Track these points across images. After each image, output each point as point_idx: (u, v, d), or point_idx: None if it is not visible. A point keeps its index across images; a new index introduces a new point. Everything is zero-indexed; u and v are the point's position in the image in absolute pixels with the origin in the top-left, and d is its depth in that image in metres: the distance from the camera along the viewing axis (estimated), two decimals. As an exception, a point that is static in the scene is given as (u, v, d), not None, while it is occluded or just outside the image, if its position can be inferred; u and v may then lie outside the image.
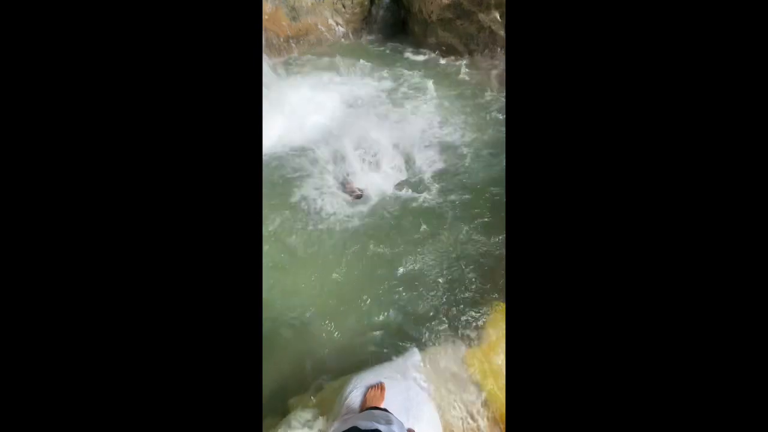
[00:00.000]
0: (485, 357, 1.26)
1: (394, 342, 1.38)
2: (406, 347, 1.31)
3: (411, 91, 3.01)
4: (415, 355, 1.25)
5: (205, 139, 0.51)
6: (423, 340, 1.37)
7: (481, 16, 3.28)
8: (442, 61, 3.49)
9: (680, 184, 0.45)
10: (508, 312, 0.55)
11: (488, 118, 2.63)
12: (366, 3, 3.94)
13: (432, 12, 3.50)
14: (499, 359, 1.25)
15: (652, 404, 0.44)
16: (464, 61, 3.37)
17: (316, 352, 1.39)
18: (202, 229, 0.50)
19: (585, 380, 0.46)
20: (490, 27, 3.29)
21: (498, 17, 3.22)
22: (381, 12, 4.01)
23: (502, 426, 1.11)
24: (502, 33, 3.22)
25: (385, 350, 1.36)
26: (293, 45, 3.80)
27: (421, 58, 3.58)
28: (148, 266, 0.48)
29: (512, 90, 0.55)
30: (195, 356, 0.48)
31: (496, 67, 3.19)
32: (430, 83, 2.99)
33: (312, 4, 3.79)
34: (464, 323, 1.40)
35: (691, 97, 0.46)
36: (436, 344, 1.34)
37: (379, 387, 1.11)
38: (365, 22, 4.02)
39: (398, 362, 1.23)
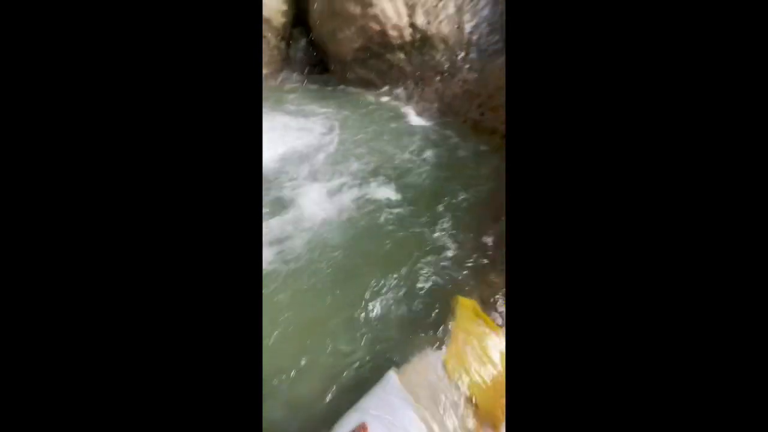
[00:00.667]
0: (458, 355, 1.25)
1: (368, 369, 1.25)
2: (381, 371, 1.20)
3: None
4: (391, 379, 1.15)
5: (201, 150, 0.50)
6: (396, 359, 1.28)
7: (389, 56, 3.78)
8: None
9: (679, 188, 0.44)
10: (508, 315, 0.56)
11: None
12: (282, 46, 4.10)
13: (347, 54, 3.86)
14: (472, 354, 1.25)
15: (653, 409, 0.42)
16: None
17: (282, 395, 1.14)
18: (193, 252, 0.49)
19: (585, 380, 0.45)
20: (398, 65, 3.80)
21: (402, 56, 3.77)
22: (299, 54, 4.22)
23: (492, 418, 1.08)
24: (409, 69, 3.75)
25: (360, 378, 1.22)
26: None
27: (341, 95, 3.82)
28: (141, 280, 0.47)
29: (512, 91, 0.55)
30: (185, 389, 0.46)
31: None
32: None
33: (224, 46, 3.74)
34: (431, 327, 1.38)
35: (690, 101, 0.45)
36: (410, 359, 1.27)
37: (361, 428, 0.97)
38: (285, 62, 4.15)
39: (376, 392, 1.11)
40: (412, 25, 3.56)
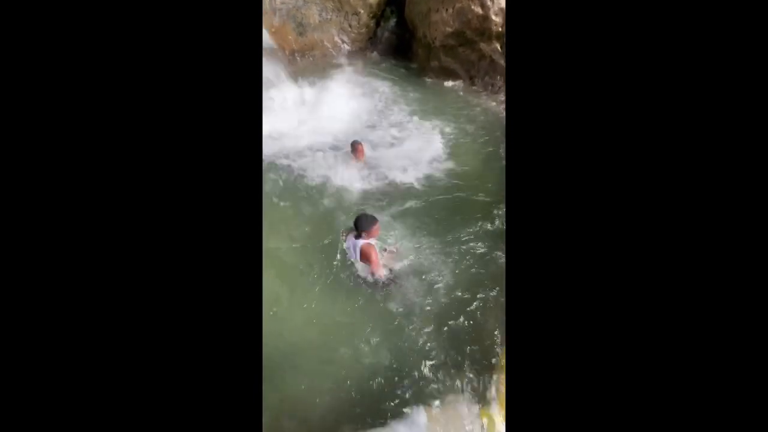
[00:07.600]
0: (499, 416, 1.07)
1: (396, 398, 1.17)
2: (408, 404, 1.10)
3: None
4: (420, 416, 1.04)
5: (203, 145, 0.49)
6: (428, 396, 1.16)
7: (483, 46, 3.25)
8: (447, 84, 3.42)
9: (679, 193, 0.43)
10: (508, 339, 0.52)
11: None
12: (372, 24, 3.86)
13: (436, 38, 3.45)
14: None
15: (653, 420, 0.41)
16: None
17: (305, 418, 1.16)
18: (198, 246, 0.48)
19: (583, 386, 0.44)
20: (491, 56, 3.26)
21: (499, 48, 3.20)
22: (386, 34, 3.95)
23: None
24: (503, 62, 3.20)
25: (387, 407, 1.14)
26: (298, 59, 3.68)
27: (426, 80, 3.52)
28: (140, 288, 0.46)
29: (512, 94, 0.54)
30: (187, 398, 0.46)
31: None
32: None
33: (319, 21, 3.69)
34: (474, 379, 1.20)
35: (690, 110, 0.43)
36: (444, 402, 1.13)
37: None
38: (370, 42, 3.95)
39: (398, 427, 1.02)
40: (522, 11, 2.95)
